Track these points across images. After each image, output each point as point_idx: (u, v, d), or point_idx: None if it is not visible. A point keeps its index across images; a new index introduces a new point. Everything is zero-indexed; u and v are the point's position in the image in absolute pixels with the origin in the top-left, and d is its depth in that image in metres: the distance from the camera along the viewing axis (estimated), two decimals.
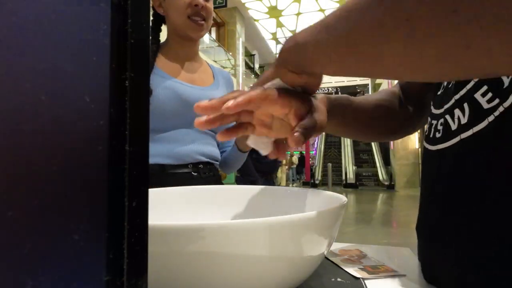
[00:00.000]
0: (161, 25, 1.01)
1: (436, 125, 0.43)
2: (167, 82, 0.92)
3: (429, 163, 0.44)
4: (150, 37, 0.99)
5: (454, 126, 0.39)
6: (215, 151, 1.03)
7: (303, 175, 13.40)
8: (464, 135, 0.37)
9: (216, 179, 1.02)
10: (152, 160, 0.90)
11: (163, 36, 1.02)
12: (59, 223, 0.15)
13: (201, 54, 1.10)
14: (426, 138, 0.46)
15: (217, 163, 1.05)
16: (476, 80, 0.37)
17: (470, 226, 0.36)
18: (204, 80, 1.03)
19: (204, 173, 0.98)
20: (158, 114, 0.90)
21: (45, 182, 0.15)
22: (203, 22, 0.93)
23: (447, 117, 0.40)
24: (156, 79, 0.91)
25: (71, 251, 0.15)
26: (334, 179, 11.82)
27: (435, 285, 0.43)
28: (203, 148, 0.99)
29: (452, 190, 0.39)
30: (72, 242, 0.15)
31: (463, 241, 0.37)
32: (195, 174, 0.96)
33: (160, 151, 0.92)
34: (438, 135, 0.42)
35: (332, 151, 15.03)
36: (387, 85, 10.43)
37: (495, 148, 0.34)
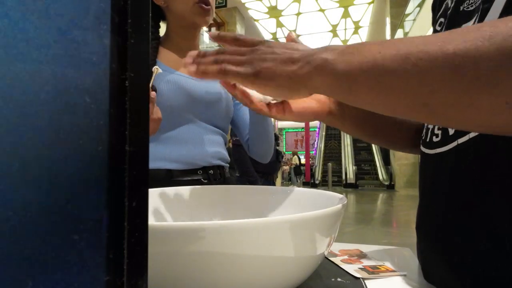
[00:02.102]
0: (160, 20, 0.98)
1: (433, 129, 0.43)
2: (170, 76, 0.88)
3: (427, 166, 0.44)
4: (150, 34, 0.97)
5: (451, 131, 0.39)
6: (225, 153, 0.99)
7: (301, 177, 13.36)
8: (461, 140, 0.37)
9: (227, 184, 0.96)
10: (158, 164, 0.85)
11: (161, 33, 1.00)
12: (59, 223, 0.15)
13: None
14: (423, 142, 0.46)
15: (227, 165, 1.00)
16: None
17: (468, 226, 0.36)
18: None
19: (214, 179, 0.93)
20: (163, 110, 0.84)
21: (45, 182, 0.15)
22: (209, 7, 0.93)
23: None
24: (159, 73, 0.89)
25: (71, 251, 0.15)
26: (334, 177, 11.81)
27: (434, 285, 0.43)
28: (214, 149, 0.93)
29: (450, 192, 0.39)
30: (72, 242, 0.15)
31: (461, 242, 0.37)
32: (205, 181, 0.91)
33: (168, 153, 0.87)
34: (436, 139, 0.42)
35: (332, 152, 15.03)
36: None
37: (491, 153, 0.34)
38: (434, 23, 0.49)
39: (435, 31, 0.47)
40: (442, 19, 0.45)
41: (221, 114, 0.97)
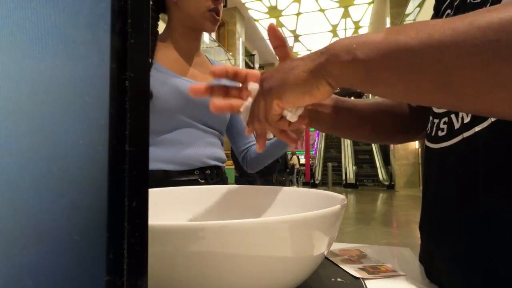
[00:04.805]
0: (160, 12, 0.96)
1: (439, 123, 0.43)
2: (167, 78, 0.88)
3: (432, 162, 0.44)
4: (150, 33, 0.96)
5: (457, 125, 0.39)
6: (221, 153, 0.99)
7: (292, 177, 13.27)
8: (467, 134, 0.37)
9: (224, 184, 0.98)
10: (155, 165, 0.86)
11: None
12: (59, 223, 0.15)
13: None
14: (428, 136, 0.46)
15: (224, 165, 1.01)
16: None
17: (473, 225, 0.36)
18: (206, 74, 0.99)
19: (211, 179, 0.93)
20: (160, 112, 0.86)
21: (45, 183, 0.15)
22: (218, 17, 0.93)
23: (452, 116, 0.40)
24: (155, 75, 0.87)
25: (71, 251, 0.15)
26: (334, 179, 11.81)
27: (437, 284, 0.43)
28: (210, 149, 0.94)
29: (455, 188, 0.39)
30: (72, 242, 0.15)
31: (468, 237, 0.36)
32: (202, 181, 0.91)
33: (164, 155, 0.87)
34: (441, 133, 0.42)
35: (332, 152, 15.03)
36: None
37: (498, 148, 0.34)
38: (438, 13, 0.48)
39: None
40: (449, 11, 0.45)
41: (218, 116, 0.97)
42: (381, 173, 12.77)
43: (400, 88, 0.31)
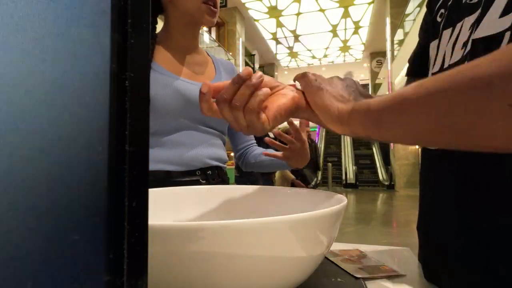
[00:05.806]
0: (157, 15, 0.96)
1: None
2: (167, 80, 0.88)
3: (429, 163, 0.44)
4: (150, 33, 0.95)
5: None
6: (223, 153, 0.99)
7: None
8: None
9: (225, 184, 0.98)
10: (157, 166, 0.86)
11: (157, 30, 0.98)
12: (59, 223, 0.15)
13: None
14: None
15: (225, 166, 1.01)
16: None
17: (470, 226, 0.36)
18: (206, 74, 0.99)
19: (213, 179, 0.94)
20: (160, 114, 0.86)
21: (45, 182, 0.15)
22: (216, 9, 0.92)
23: None
24: (155, 76, 0.87)
25: (71, 251, 0.15)
26: (334, 173, 11.78)
27: (435, 284, 0.43)
28: (211, 150, 0.95)
29: (452, 190, 0.39)
30: (72, 242, 0.15)
31: (462, 241, 0.37)
32: (204, 181, 0.92)
33: (166, 156, 0.87)
34: None
35: (332, 148, 15.03)
36: (387, 85, 10.44)
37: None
38: (432, 11, 0.48)
39: (433, 21, 0.47)
40: (442, 10, 0.45)
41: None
42: (381, 173, 12.77)
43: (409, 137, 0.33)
